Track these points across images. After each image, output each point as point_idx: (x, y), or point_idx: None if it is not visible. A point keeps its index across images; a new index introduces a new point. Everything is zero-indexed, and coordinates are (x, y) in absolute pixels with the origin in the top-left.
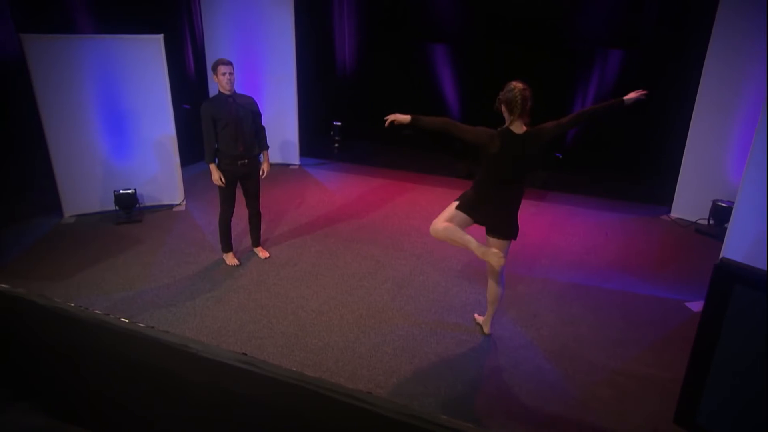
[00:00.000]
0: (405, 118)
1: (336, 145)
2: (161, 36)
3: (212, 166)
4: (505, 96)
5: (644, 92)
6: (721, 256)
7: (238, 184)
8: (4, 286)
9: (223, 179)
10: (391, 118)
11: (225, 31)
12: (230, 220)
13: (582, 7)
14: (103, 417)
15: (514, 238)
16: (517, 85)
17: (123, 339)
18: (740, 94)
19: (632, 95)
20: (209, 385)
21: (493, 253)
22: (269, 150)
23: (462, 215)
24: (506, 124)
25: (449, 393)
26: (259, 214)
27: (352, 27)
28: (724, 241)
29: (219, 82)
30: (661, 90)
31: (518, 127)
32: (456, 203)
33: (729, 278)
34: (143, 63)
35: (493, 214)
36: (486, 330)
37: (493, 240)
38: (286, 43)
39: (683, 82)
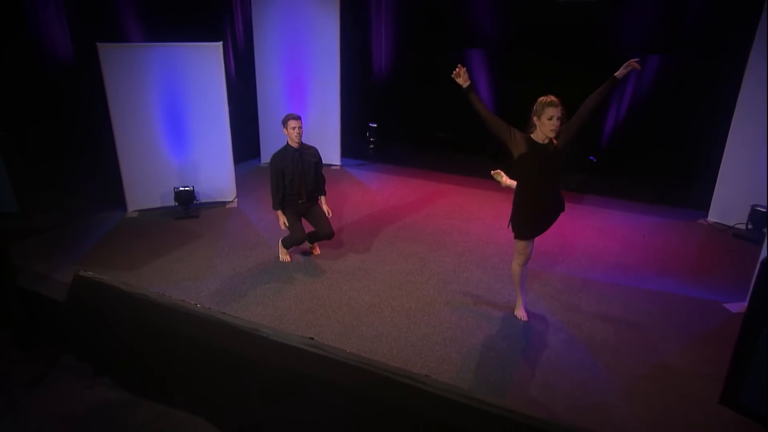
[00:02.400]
0: (466, 82)
1: (371, 146)
2: (220, 44)
3: (279, 213)
4: None
5: (635, 61)
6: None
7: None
8: (90, 273)
9: (287, 223)
10: (461, 72)
11: (273, 37)
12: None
13: (620, 12)
14: (176, 394)
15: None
16: None
17: (198, 323)
18: None
19: (622, 69)
20: (279, 366)
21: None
22: None
23: None
24: None
25: (497, 381)
26: (330, 235)
27: (389, 30)
28: (764, 245)
29: (288, 135)
30: (700, 92)
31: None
32: None
33: None
34: (202, 69)
35: None
36: (516, 314)
37: None
38: (331, 47)
39: (723, 85)
